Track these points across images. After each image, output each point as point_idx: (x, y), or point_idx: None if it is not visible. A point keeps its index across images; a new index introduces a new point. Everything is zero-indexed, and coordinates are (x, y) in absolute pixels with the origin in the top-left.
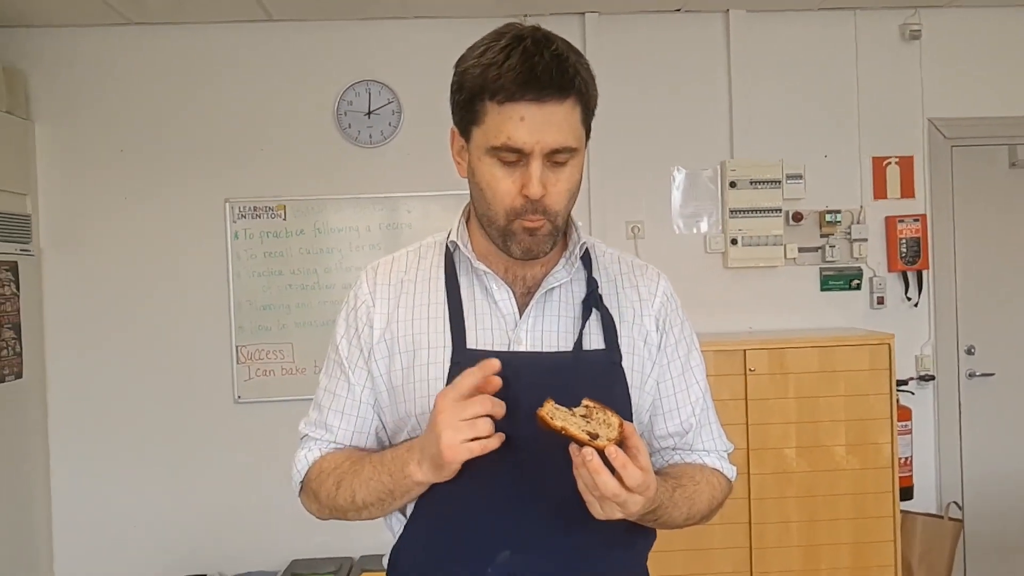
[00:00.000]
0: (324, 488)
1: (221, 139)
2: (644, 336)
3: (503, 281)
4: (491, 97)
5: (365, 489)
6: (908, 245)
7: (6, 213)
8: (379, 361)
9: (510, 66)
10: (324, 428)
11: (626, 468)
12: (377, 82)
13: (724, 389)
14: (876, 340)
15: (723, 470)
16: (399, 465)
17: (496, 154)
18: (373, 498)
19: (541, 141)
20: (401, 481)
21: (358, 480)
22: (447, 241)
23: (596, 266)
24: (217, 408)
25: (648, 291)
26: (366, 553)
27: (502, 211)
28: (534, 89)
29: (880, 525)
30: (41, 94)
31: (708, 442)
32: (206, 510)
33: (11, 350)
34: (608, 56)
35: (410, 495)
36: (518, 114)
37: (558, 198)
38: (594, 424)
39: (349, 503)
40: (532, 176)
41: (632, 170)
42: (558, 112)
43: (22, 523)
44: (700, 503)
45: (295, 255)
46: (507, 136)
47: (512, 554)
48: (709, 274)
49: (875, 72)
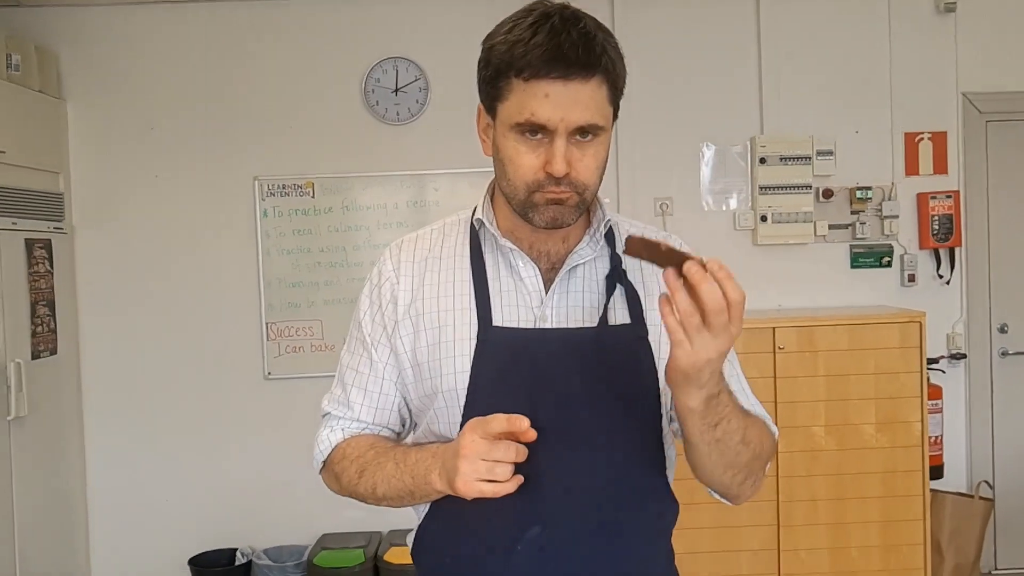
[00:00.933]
0: (346, 475)
1: (250, 117)
2: None
3: (529, 258)
4: (517, 74)
5: (386, 485)
6: (940, 222)
7: (39, 191)
8: (404, 338)
9: (536, 43)
10: (346, 405)
11: (730, 280)
12: (405, 59)
13: (752, 367)
14: (907, 318)
15: (767, 423)
16: (422, 470)
17: (520, 130)
18: (393, 494)
19: (566, 118)
20: (422, 486)
21: (380, 474)
22: (472, 219)
23: (619, 243)
24: (248, 384)
25: None
26: (395, 528)
27: (523, 185)
28: (560, 66)
29: (909, 504)
30: (73, 73)
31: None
32: (237, 485)
33: (46, 327)
34: (637, 32)
35: (429, 499)
36: (543, 91)
37: (586, 173)
38: None
39: (369, 493)
40: (556, 153)
41: (661, 146)
42: (583, 90)
43: (59, 496)
44: (753, 433)
45: (323, 233)
46: (531, 112)
47: (542, 529)
48: (738, 251)
49: (908, 46)
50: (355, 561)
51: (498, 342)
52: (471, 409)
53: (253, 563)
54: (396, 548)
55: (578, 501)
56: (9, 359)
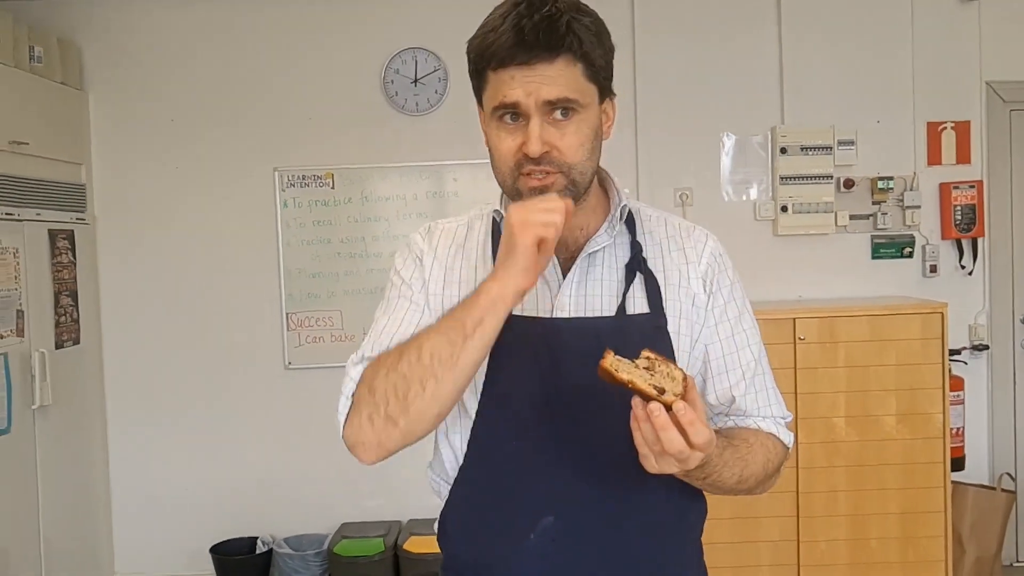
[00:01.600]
0: (383, 368)
1: (270, 108)
2: (692, 299)
3: None
4: (487, 64)
5: (434, 337)
6: (963, 212)
7: (62, 182)
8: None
9: (503, 31)
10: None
11: (694, 425)
12: (424, 49)
13: (773, 358)
14: (928, 309)
15: (779, 435)
16: (472, 295)
17: (499, 116)
18: (443, 343)
19: (534, 94)
20: (475, 303)
21: (426, 334)
22: (492, 211)
23: (641, 229)
24: (268, 374)
25: (695, 252)
26: (415, 517)
27: (507, 171)
28: (522, 52)
29: (930, 495)
30: (95, 65)
31: (764, 408)
32: (258, 474)
33: (69, 317)
34: (658, 20)
35: (482, 329)
36: (509, 75)
37: (569, 151)
38: (658, 377)
39: (413, 366)
40: (531, 133)
41: (681, 136)
42: (549, 70)
43: (82, 484)
44: (754, 466)
45: (343, 223)
46: (503, 95)
47: (556, 519)
48: (759, 242)
49: (931, 34)
50: (375, 550)
51: (515, 331)
52: (488, 396)
53: (274, 551)
54: (416, 537)
55: (592, 492)
56: (33, 349)
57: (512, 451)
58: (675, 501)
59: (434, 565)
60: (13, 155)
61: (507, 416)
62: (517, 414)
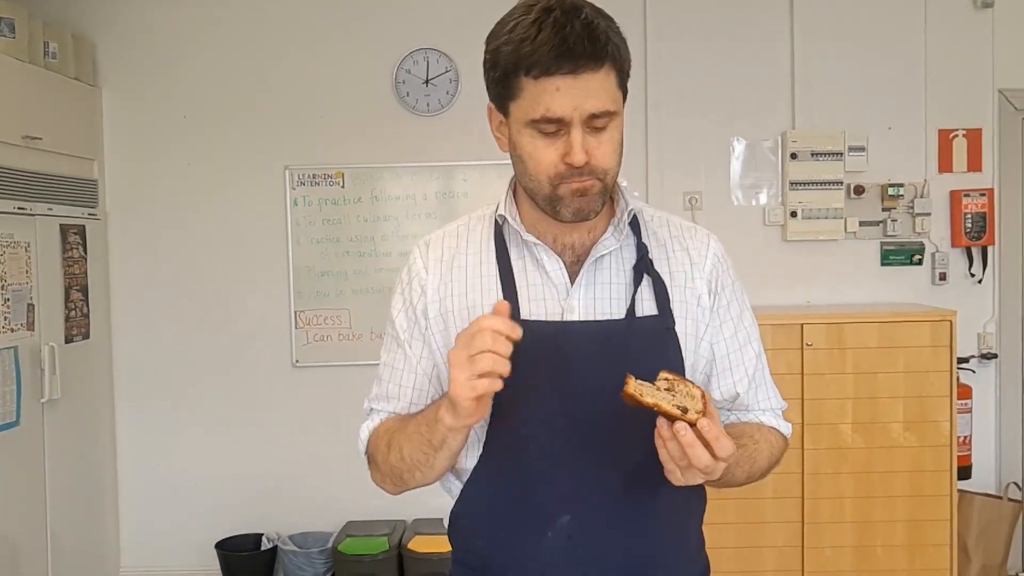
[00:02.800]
0: (380, 451)
1: (281, 107)
2: (696, 299)
3: (553, 251)
4: (526, 72)
5: (409, 444)
6: (973, 220)
7: (74, 178)
8: (436, 335)
9: (543, 40)
10: (385, 399)
11: (719, 440)
12: (435, 50)
13: (781, 363)
14: (937, 316)
15: (779, 428)
16: (433, 412)
17: (536, 126)
18: (417, 453)
19: (579, 108)
20: (434, 427)
21: (404, 436)
22: (495, 215)
23: (645, 231)
24: (276, 371)
25: (698, 253)
26: (420, 516)
27: (546, 179)
28: (569, 61)
29: (936, 504)
30: (108, 61)
31: (764, 401)
32: (264, 470)
33: (79, 311)
34: (669, 24)
35: (447, 446)
36: (554, 86)
37: (604, 159)
38: (679, 397)
39: (399, 461)
40: (574, 144)
41: (691, 140)
42: (594, 80)
43: (89, 478)
44: (760, 461)
45: (353, 222)
46: (545, 108)
47: (572, 518)
48: (767, 247)
49: (944, 41)
50: (379, 549)
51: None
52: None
53: (279, 548)
54: (420, 537)
55: (606, 491)
56: (43, 342)
57: (526, 451)
58: (683, 495)
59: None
60: (26, 150)
61: (522, 416)
62: (531, 415)
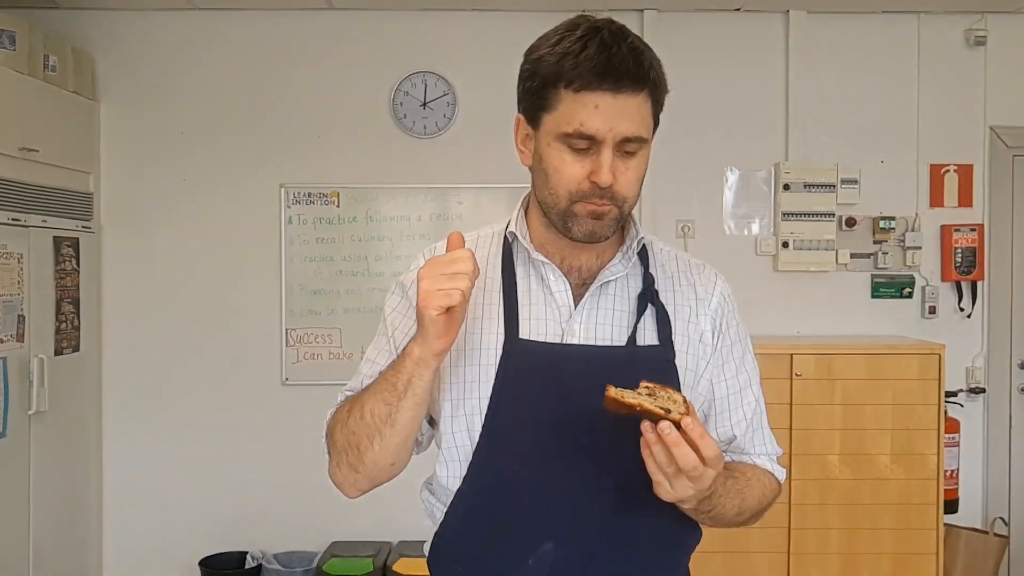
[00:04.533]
0: (339, 423)
1: (279, 125)
2: (700, 335)
3: (560, 272)
4: (567, 85)
5: (372, 398)
6: (963, 255)
7: (70, 190)
8: None
9: (588, 56)
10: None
11: (704, 438)
12: (434, 73)
13: (770, 392)
14: (926, 350)
15: (774, 472)
16: (398, 358)
17: (567, 140)
18: (381, 405)
19: (614, 129)
20: (401, 365)
21: (366, 394)
22: (506, 231)
23: (653, 262)
24: (265, 389)
25: (705, 290)
26: (405, 539)
27: (565, 194)
28: (611, 79)
29: (923, 537)
30: (107, 75)
31: (760, 446)
32: (250, 488)
33: (70, 324)
34: (665, 54)
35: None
36: (593, 102)
37: (628, 186)
38: (660, 401)
39: (359, 424)
40: (603, 164)
41: (685, 169)
42: (632, 103)
43: (74, 492)
44: (751, 499)
45: (347, 242)
46: (580, 123)
47: (555, 546)
48: (759, 276)
49: (937, 77)
50: (364, 570)
51: (524, 354)
52: (492, 418)
53: (263, 567)
54: (405, 559)
55: (592, 519)
56: (33, 354)
57: (513, 476)
58: (672, 528)
59: None
60: (23, 161)
61: (510, 440)
62: (520, 438)
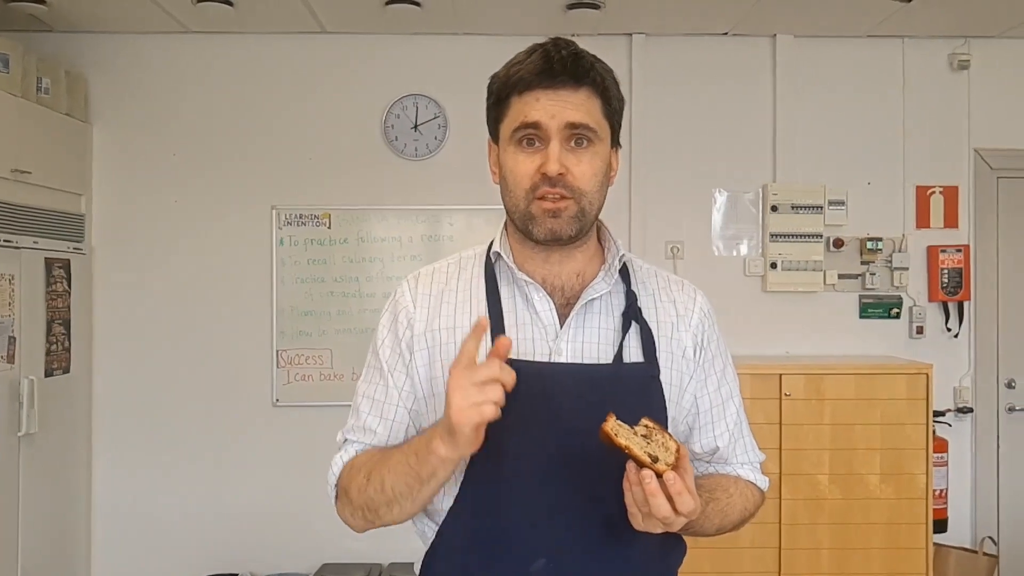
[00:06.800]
0: (355, 483)
1: (270, 147)
2: (682, 351)
3: (544, 291)
4: (512, 91)
5: (393, 475)
6: (950, 275)
7: (61, 212)
8: (420, 368)
9: (530, 62)
10: (363, 431)
11: (681, 496)
12: (425, 96)
13: (759, 413)
14: (914, 370)
15: (756, 482)
16: (424, 442)
17: (517, 139)
18: (402, 485)
19: (557, 116)
20: (426, 459)
21: (387, 467)
22: (489, 252)
23: (634, 279)
24: (256, 410)
25: (685, 307)
26: (396, 560)
27: (522, 193)
28: (548, 76)
29: (912, 556)
30: (100, 98)
31: (742, 455)
32: (241, 510)
33: (60, 345)
34: (654, 77)
35: (435, 478)
36: (535, 97)
37: (582, 178)
38: (653, 446)
39: (378, 493)
40: (551, 153)
41: (674, 190)
42: (573, 97)
43: (64, 514)
44: (732, 515)
45: (338, 263)
46: (524, 115)
47: (548, 562)
48: (747, 297)
49: (922, 101)
50: None
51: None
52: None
53: None
54: None
55: (584, 535)
56: (23, 375)
57: (507, 491)
58: (660, 543)
59: None
60: (15, 183)
61: (504, 456)
62: (512, 457)
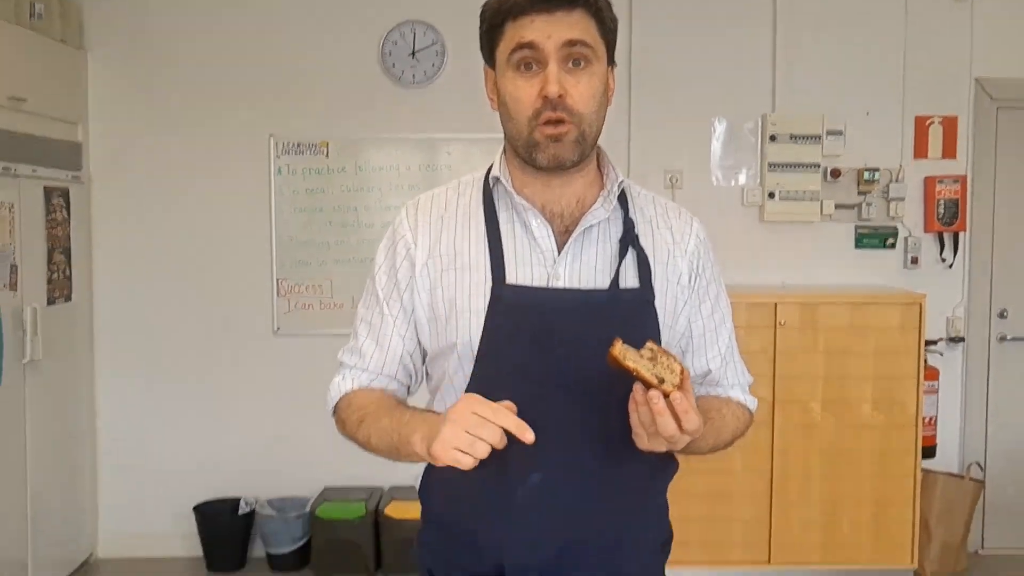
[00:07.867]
0: (349, 422)
1: (268, 75)
2: (677, 277)
3: (543, 217)
4: (507, 16)
5: (377, 437)
6: (946, 206)
7: (58, 140)
8: (421, 293)
9: None
10: (358, 355)
11: (687, 414)
12: (422, 22)
13: (754, 341)
14: (908, 300)
15: (746, 403)
16: (408, 431)
17: (515, 62)
18: (382, 447)
19: (553, 36)
20: (404, 445)
21: (375, 427)
22: (488, 176)
23: (632, 206)
24: (257, 339)
25: (682, 233)
26: (397, 484)
27: (524, 120)
28: (543, 1)
29: (901, 482)
30: (94, 24)
31: (733, 377)
32: (243, 436)
33: (61, 273)
34: (654, 5)
35: (410, 459)
36: (530, 19)
37: (581, 100)
38: (659, 368)
39: (365, 442)
40: (549, 75)
41: (673, 119)
42: (568, 18)
43: (69, 439)
44: (725, 434)
45: (336, 192)
46: (520, 36)
47: (543, 477)
48: (745, 227)
49: (923, 29)
50: (356, 514)
51: (511, 299)
52: (483, 362)
53: (256, 512)
54: (397, 502)
55: (579, 452)
56: (26, 303)
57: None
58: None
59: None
60: (11, 111)
61: (500, 378)
62: (509, 376)
